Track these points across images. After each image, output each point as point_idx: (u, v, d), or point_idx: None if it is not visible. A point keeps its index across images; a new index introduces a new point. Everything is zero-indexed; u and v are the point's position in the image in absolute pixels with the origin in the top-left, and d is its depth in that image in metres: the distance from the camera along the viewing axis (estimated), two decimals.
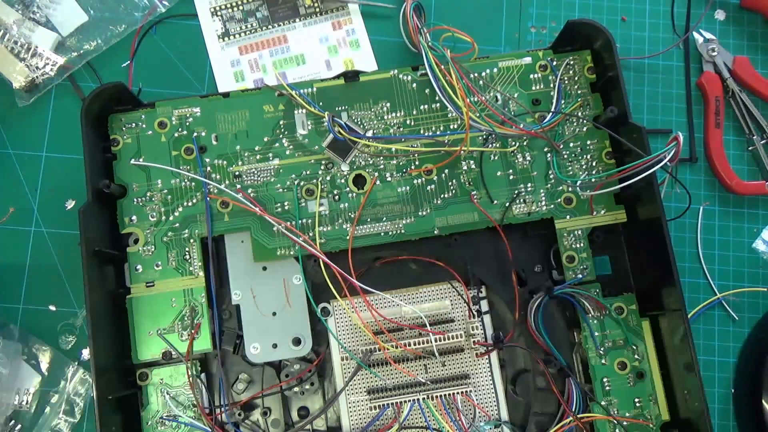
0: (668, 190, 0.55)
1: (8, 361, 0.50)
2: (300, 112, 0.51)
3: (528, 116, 0.51)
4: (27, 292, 0.52)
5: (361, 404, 0.48)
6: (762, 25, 0.58)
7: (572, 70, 0.52)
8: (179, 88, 0.55)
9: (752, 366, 0.52)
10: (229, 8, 0.57)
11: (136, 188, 0.49)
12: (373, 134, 0.50)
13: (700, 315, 0.54)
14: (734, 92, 0.56)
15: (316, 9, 0.57)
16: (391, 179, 0.50)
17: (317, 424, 0.49)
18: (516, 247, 0.50)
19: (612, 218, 0.50)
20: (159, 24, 0.56)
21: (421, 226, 0.50)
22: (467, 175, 0.50)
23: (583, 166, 0.50)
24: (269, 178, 0.50)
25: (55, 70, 0.55)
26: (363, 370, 0.47)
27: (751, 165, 0.56)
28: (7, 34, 0.55)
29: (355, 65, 0.56)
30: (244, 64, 0.56)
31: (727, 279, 0.54)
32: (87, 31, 0.56)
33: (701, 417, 0.44)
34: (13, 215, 0.54)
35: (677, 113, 0.57)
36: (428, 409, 0.47)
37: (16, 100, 0.54)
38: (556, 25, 0.57)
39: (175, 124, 0.50)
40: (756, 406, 0.51)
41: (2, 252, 0.53)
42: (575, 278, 0.49)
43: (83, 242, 0.45)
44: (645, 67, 0.57)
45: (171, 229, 0.49)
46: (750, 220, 0.55)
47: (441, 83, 0.49)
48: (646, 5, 0.58)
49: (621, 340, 0.49)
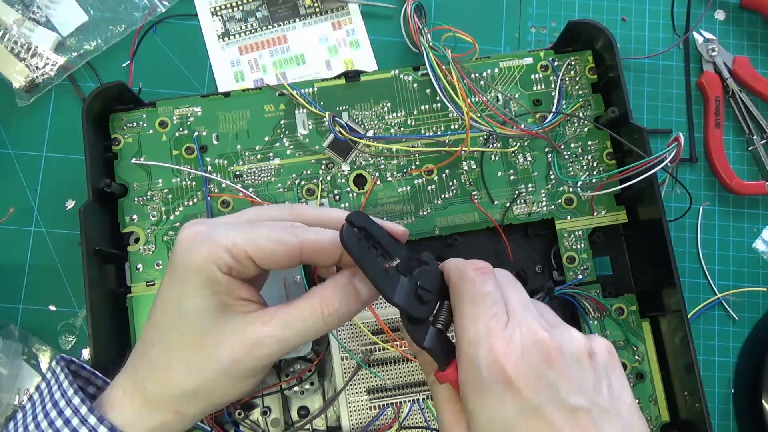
0: (668, 190, 0.55)
1: (8, 361, 0.50)
2: (301, 111, 0.51)
3: (529, 116, 0.51)
4: (27, 292, 0.52)
5: (360, 404, 0.48)
6: (762, 25, 0.58)
7: (573, 71, 0.52)
8: (179, 88, 0.55)
9: (752, 366, 0.52)
10: (229, 8, 0.57)
11: (137, 187, 0.49)
12: (374, 134, 0.50)
13: (700, 315, 0.54)
14: (734, 92, 0.56)
15: (316, 9, 0.57)
16: (392, 179, 0.50)
17: (317, 423, 0.49)
18: (516, 247, 0.50)
19: (613, 219, 0.50)
20: (159, 24, 0.56)
21: (421, 226, 0.50)
22: (468, 175, 0.50)
23: (583, 166, 0.50)
24: (270, 178, 0.50)
25: (55, 70, 0.55)
26: (363, 370, 0.47)
27: (751, 165, 0.56)
28: (7, 34, 0.55)
29: (355, 65, 0.56)
30: (244, 64, 0.56)
31: (727, 279, 0.55)
32: (87, 31, 0.56)
33: (701, 418, 0.44)
34: (13, 215, 0.53)
35: (677, 113, 0.57)
36: (428, 409, 0.47)
37: (16, 100, 0.54)
38: (556, 25, 0.57)
39: (176, 124, 0.50)
40: (756, 406, 0.51)
41: (2, 252, 0.53)
42: (576, 279, 0.49)
43: (83, 241, 0.45)
44: (645, 67, 0.57)
45: (172, 228, 0.49)
46: (750, 220, 0.55)
47: (442, 83, 0.49)
48: (646, 5, 0.58)
49: (621, 340, 0.49)
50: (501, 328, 0.30)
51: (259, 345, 0.32)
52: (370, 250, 0.31)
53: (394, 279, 0.32)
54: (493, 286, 0.32)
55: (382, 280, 0.31)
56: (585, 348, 0.30)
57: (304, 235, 0.32)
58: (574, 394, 0.28)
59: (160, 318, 0.33)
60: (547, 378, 0.28)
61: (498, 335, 0.29)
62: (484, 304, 0.31)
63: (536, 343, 0.29)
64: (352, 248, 0.30)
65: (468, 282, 0.32)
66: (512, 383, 0.28)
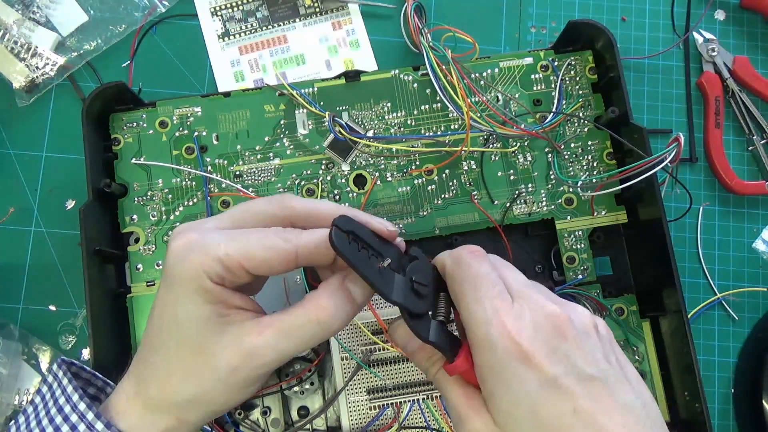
0: (668, 190, 0.55)
1: (8, 361, 0.50)
2: (301, 111, 0.51)
3: (529, 116, 0.51)
4: (27, 292, 0.52)
5: (360, 404, 0.48)
6: (762, 25, 0.58)
7: (573, 71, 0.52)
8: (179, 88, 0.55)
9: (752, 366, 0.52)
10: (229, 8, 0.57)
11: (137, 187, 0.49)
12: (374, 134, 0.50)
13: (700, 315, 0.54)
14: (734, 92, 0.56)
15: (316, 9, 0.57)
16: (392, 179, 0.50)
17: (317, 423, 0.49)
18: (516, 247, 0.50)
19: (613, 219, 0.50)
20: (159, 24, 0.56)
21: (421, 226, 0.50)
22: (468, 175, 0.50)
23: (584, 166, 0.50)
24: (270, 178, 0.50)
25: (55, 70, 0.55)
26: (363, 370, 0.47)
27: (751, 165, 0.56)
28: (7, 34, 0.55)
29: (355, 65, 0.56)
30: (244, 64, 0.56)
31: (727, 279, 0.55)
32: (87, 31, 0.56)
33: (701, 418, 0.44)
34: (13, 215, 0.53)
35: (677, 113, 0.57)
36: (428, 409, 0.47)
37: (16, 100, 0.54)
38: (556, 25, 0.57)
39: (176, 124, 0.50)
40: (756, 406, 0.51)
41: (2, 252, 0.53)
42: (576, 279, 0.49)
43: (84, 241, 0.45)
44: (645, 67, 0.57)
45: (172, 229, 0.49)
46: (750, 220, 0.55)
47: (442, 83, 0.49)
48: (646, 5, 0.58)
49: (621, 341, 0.49)
50: (508, 306, 0.30)
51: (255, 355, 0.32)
52: (361, 252, 0.31)
53: (389, 278, 0.32)
54: (489, 267, 0.32)
55: (378, 280, 0.31)
56: (591, 321, 0.31)
57: (297, 239, 0.32)
58: (589, 365, 0.29)
59: (158, 325, 0.33)
60: (561, 350, 0.29)
61: (507, 312, 0.29)
62: (485, 285, 0.31)
63: (547, 317, 0.29)
64: (344, 252, 0.30)
65: (464, 266, 0.32)
66: (529, 358, 0.28)
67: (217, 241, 0.32)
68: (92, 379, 0.38)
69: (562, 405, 0.28)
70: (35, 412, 0.34)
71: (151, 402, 0.33)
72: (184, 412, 0.33)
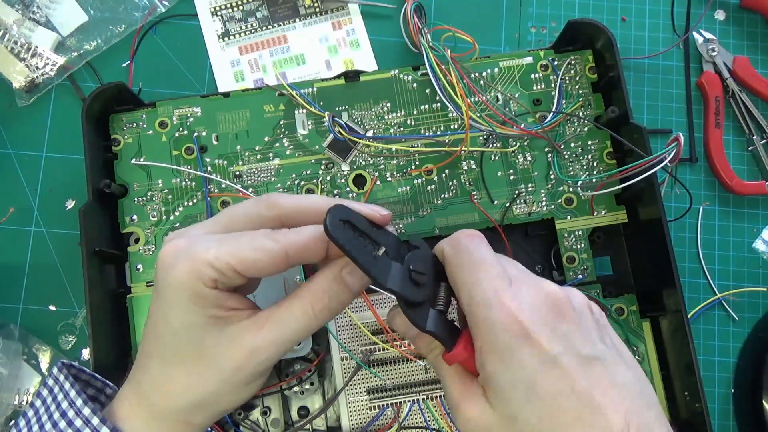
0: (668, 190, 0.55)
1: (8, 361, 0.50)
2: (300, 111, 0.51)
3: (529, 116, 0.51)
4: (27, 292, 0.52)
5: (360, 404, 0.48)
6: (762, 25, 0.58)
7: (573, 70, 0.52)
8: (179, 88, 0.55)
9: (752, 366, 0.52)
10: (229, 8, 0.57)
11: (137, 188, 0.49)
12: (374, 134, 0.50)
13: (700, 315, 0.54)
14: (734, 92, 0.56)
15: (316, 9, 0.57)
16: (392, 179, 0.50)
17: (317, 423, 0.49)
18: (516, 247, 0.50)
19: (613, 219, 0.50)
20: (159, 24, 0.56)
21: (421, 226, 0.50)
22: (467, 175, 0.50)
23: (584, 166, 0.50)
24: (270, 178, 0.50)
25: (55, 70, 0.55)
26: (363, 370, 0.47)
27: (751, 165, 0.56)
28: (7, 34, 0.55)
29: (355, 65, 0.56)
30: (244, 64, 0.56)
31: (727, 279, 0.55)
32: (87, 31, 0.56)
33: (701, 418, 0.44)
34: (13, 215, 0.53)
35: (677, 113, 0.57)
36: (428, 409, 0.47)
37: (16, 100, 0.54)
38: (556, 25, 0.57)
39: (175, 124, 0.50)
40: (756, 406, 0.51)
41: (2, 252, 0.53)
42: (576, 279, 0.49)
43: (84, 242, 0.45)
44: (645, 67, 0.57)
45: (172, 229, 0.49)
46: (750, 220, 0.55)
47: (441, 83, 0.49)
48: (646, 5, 0.58)
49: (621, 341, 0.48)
50: (508, 286, 0.30)
51: (257, 351, 0.32)
52: (357, 240, 0.31)
53: (385, 266, 0.31)
54: (487, 250, 0.32)
55: (374, 267, 0.31)
56: (586, 302, 0.31)
57: (285, 239, 0.32)
58: (586, 345, 0.29)
59: (154, 334, 0.33)
60: (561, 330, 0.29)
61: (506, 292, 0.30)
62: (484, 267, 0.31)
63: (546, 297, 0.30)
64: (340, 240, 0.30)
65: (463, 252, 0.32)
66: (530, 336, 0.29)
67: (206, 245, 0.32)
68: (91, 381, 0.38)
69: (561, 383, 0.28)
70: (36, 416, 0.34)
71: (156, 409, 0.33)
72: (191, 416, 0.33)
